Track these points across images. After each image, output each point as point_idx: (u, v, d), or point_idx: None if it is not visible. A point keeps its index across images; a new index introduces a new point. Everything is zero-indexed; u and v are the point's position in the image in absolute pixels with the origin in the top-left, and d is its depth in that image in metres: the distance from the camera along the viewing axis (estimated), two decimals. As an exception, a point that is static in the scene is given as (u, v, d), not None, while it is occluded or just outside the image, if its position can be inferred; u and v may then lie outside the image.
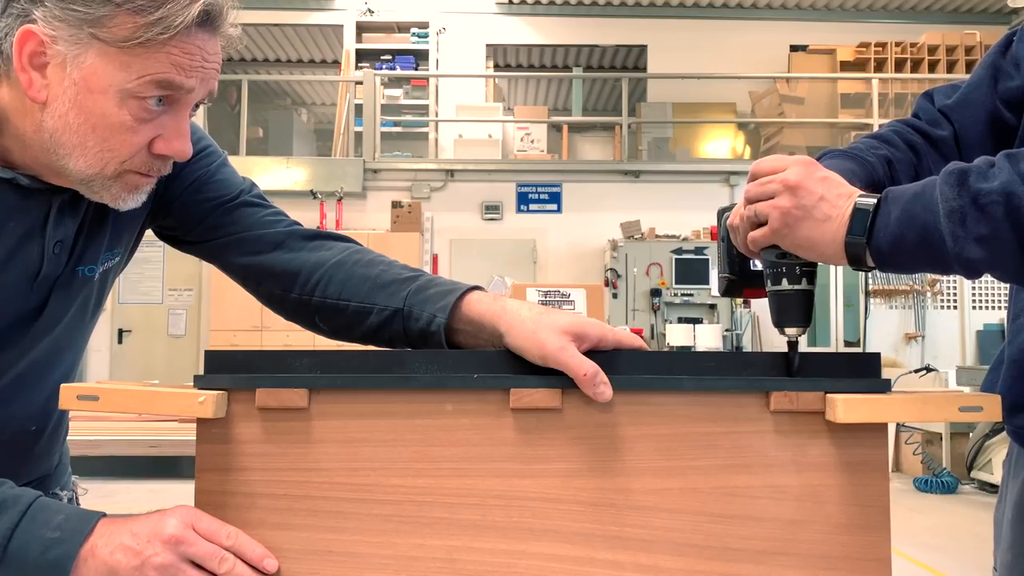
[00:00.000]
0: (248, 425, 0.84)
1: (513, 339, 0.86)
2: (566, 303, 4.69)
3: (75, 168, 0.87)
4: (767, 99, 9.59)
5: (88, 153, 0.86)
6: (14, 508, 0.79)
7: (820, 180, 0.86)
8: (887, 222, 0.83)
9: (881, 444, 0.83)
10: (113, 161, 0.87)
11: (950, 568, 4.17)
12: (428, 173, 9.21)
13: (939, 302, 9.05)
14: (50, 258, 0.95)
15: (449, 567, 0.82)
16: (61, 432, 1.12)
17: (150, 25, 0.82)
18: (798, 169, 0.87)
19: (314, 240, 1.06)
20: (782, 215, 0.86)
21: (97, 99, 0.84)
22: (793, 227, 0.86)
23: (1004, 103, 1.06)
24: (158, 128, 0.88)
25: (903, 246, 0.82)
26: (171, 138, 0.89)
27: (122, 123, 0.85)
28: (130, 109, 0.85)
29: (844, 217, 0.84)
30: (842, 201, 0.85)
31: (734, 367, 0.85)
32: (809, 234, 0.85)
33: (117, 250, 1.05)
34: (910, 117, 1.13)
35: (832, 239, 0.84)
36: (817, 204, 0.85)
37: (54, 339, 1.00)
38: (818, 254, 0.86)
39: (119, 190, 0.90)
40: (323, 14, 9.97)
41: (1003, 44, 1.09)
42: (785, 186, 0.86)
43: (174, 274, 8.86)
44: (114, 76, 0.83)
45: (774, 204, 0.87)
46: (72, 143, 0.86)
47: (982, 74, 1.09)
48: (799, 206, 0.85)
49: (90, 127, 0.85)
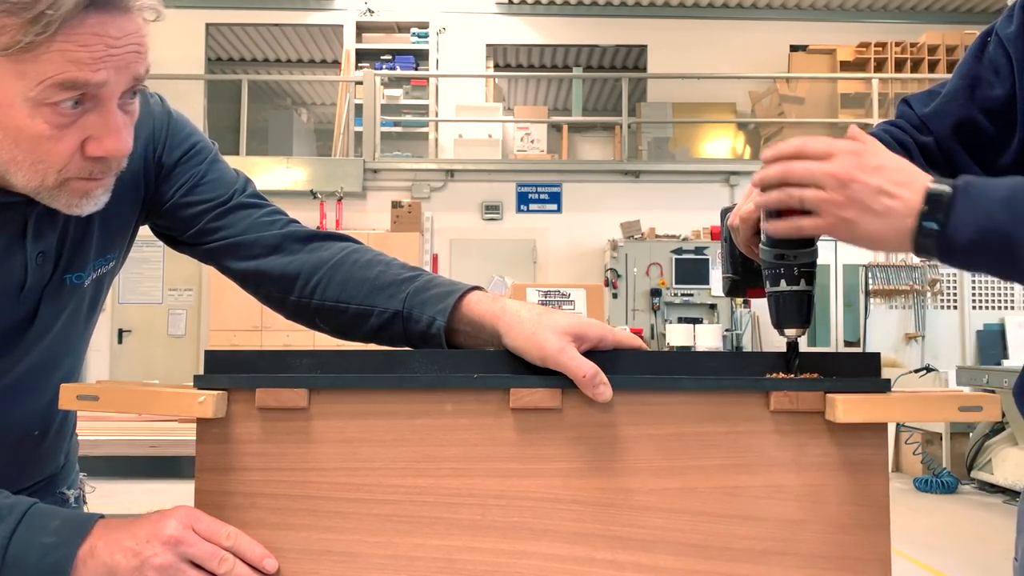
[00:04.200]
0: (248, 425, 0.84)
1: (512, 340, 0.86)
2: (566, 303, 4.69)
3: (18, 183, 0.83)
4: (767, 99, 9.58)
5: (22, 168, 0.82)
6: (9, 517, 0.78)
7: (875, 169, 0.80)
8: (966, 221, 0.78)
9: (881, 444, 0.83)
10: (49, 172, 0.82)
11: (950, 568, 4.17)
12: (428, 173, 9.21)
13: (939, 302, 9.05)
14: (34, 269, 0.93)
15: (449, 567, 0.82)
16: (66, 433, 1.12)
17: (28, 25, 0.74)
18: (848, 160, 0.81)
19: (311, 241, 1.04)
20: (836, 215, 0.80)
21: (8, 113, 0.78)
22: (852, 227, 0.81)
23: (984, 112, 1.03)
24: (84, 130, 0.81)
25: (983, 250, 0.78)
26: (101, 137, 0.82)
27: (40, 133, 0.79)
28: (44, 117, 0.78)
29: (912, 207, 0.79)
30: (905, 191, 0.80)
31: (734, 367, 0.85)
32: (869, 229, 0.80)
33: (111, 255, 1.03)
34: (896, 119, 1.11)
35: (896, 233, 0.80)
36: (874, 197, 0.79)
37: (49, 345, 0.99)
38: (881, 246, 0.82)
39: (68, 199, 0.85)
40: (323, 14, 9.97)
41: (978, 48, 1.06)
42: (836, 180, 0.80)
43: (174, 274, 8.86)
44: (13, 87, 0.77)
45: (826, 199, 0.81)
46: (5, 160, 0.81)
47: (958, 84, 1.06)
48: (852, 201, 0.80)
49: (12, 142, 0.80)
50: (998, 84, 1.02)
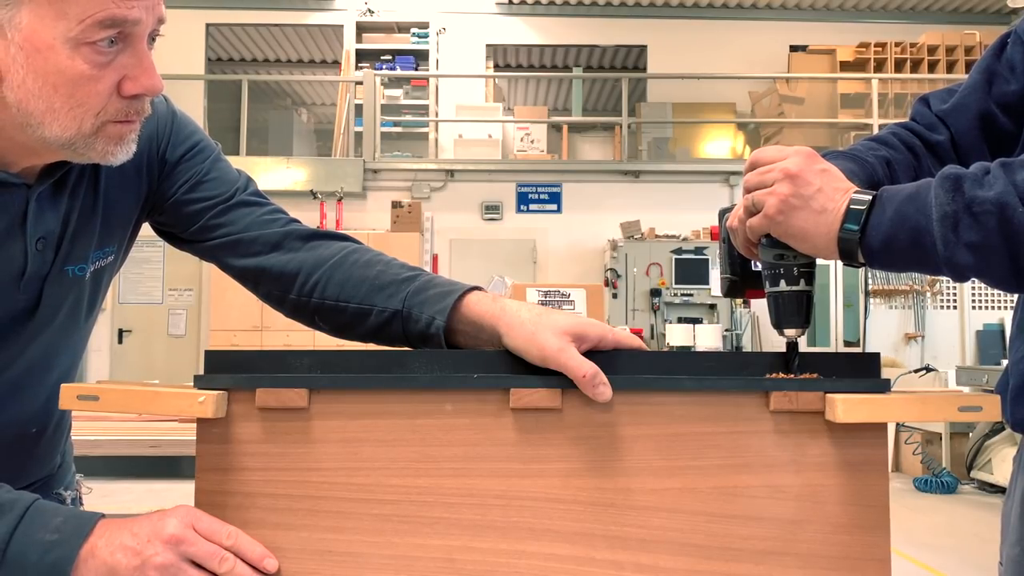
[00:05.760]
0: (248, 425, 0.84)
1: (512, 340, 0.86)
2: (566, 303, 4.69)
3: (52, 135, 0.84)
4: (767, 99, 9.58)
5: (59, 115, 0.83)
6: (11, 512, 0.78)
7: (820, 172, 0.87)
8: (881, 220, 0.83)
9: (881, 444, 0.83)
10: (87, 116, 0.83)
11: (950, 568, 4.17)
12: (428, 173, 9.21)
13: (939, 302, 9.05)
14: (34, 255, 0.93)
15: (449, 567, 0.82)
16: (62, 433, 1.12)
17: None
18: (799, 159, 0.87)
19: (312, 240, 1.05)
20: (779, 202, 0.86)
21: (47, 56, 0.80)
22: (788, 215, 0.86)
23: (1000, 107, 1.06)
24: (120, 69, 0.83)
25: (894, 245, 0.83)
26: (137, 76, 0.84)
27: (80, 74, 0.81)
28: (84, 57, 0.80)
29: (839, 211, 0.85)
30: (839, 195, 0.86)
31: (734, 367, 0.85)
32: (804, 224, 0.85)
33: (109, 248, 1.03)
34: (908, 121, 1.13)
35: (826, 232, 0.85)
36: (815, 195, 0.85)
37: (49, 341, 0.99)
38: (810, 246, 0.86)
39: (104, 145, 0.86)
40: (323, 14, 9.97)
41: (997, 47, 1.09)
42: (785, 174, 0.86)
43: (174, 274, 8.86)
44: (54, 28, 0.79)
45: (772, 191, 0.87)
46: (40, 110, 0.82)
47: (977, 78, 1.09)
48: (797, 195, 0.85)
49: (51, 88, 0.81)
50: (1013, 80, 1.05)
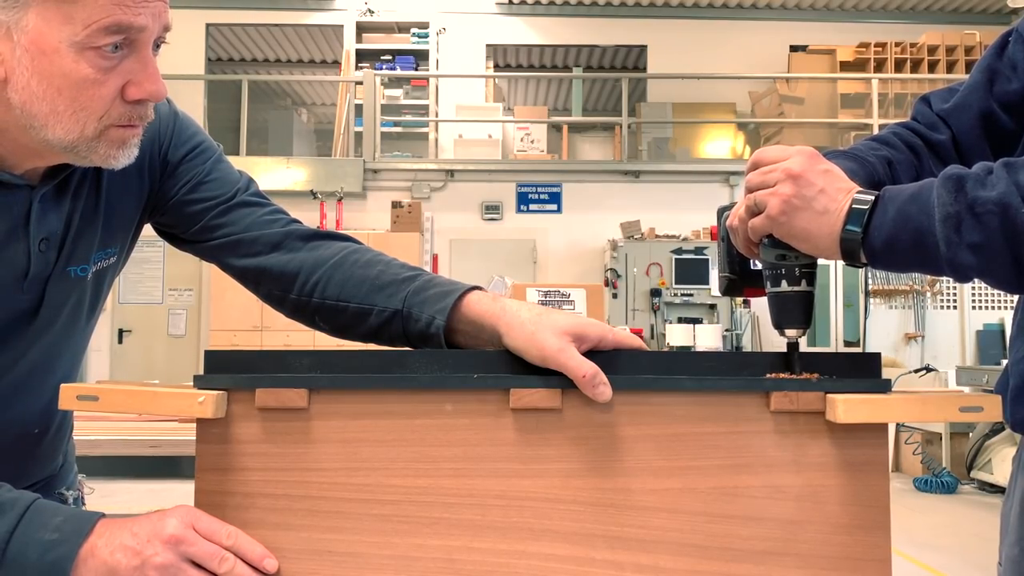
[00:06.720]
0: (248, 425, 0.84)
1: (512, 340, 0.86)
2: (566, 303, 4.69)
3: (55, 137, 0.84)
4: (767, 99, 9.58)
5: (62, 118, 0.83)
6: (12, 511, 0.78)
7: (822, 172, 0.87)
8: (883, 221, 0.83)
9: (881, 444, 0.83)
10: (90, 120, 0.84)
11: (950, 568, 4.17)
12: (428, 173, 9.21)
13: (939, 302, 9.05)
14: (37, 256, 0.93)
15: (449, 567, 0.82)
16: (64, 433, 1.12)
17: None
18: (801, 159, 0.87)
19: (312, 240, 1.05)
20: (782, 203, 0.86)
21: (52, 60, 0.80)
22: (791, 216, 0.86)
23: (1001, 106, 1.06)
24: (124, 74, 0.84)
25: (896, 246, 0.83)
26: (141, 81, 0.85)
27: (85, 78, 0.81)
28: (89, 61, 0.81)
29: (842, 211, 0.85)
30: (841, 196, 0.85)
31: (734, 367, 0.85)
32: (806, 225, 0.85)
33: (111, 248, 1.03)
34: (909, 121, 1.13)
35: (828, 232, 0.85)
36: (817, 196, 0.85)
37: (52, 341, 0.99)
38: (812, 246, 0.86)
39: (106, 148, 0.87)
40: (323, 14, 9.97)
41: (999, 46, 1.09)
42: (787, 175, 0.86)
43: (174, 274, 8.86)
44: (60, 32, 0.79)
45: (774, 191, 0.87)
46: (44, 112, 0.83)
47: (978, 77, 1.09)
48: (799, 195, 0.85)
49: (56, 91, 0.82)
50: (1015, 79, 1.05)
